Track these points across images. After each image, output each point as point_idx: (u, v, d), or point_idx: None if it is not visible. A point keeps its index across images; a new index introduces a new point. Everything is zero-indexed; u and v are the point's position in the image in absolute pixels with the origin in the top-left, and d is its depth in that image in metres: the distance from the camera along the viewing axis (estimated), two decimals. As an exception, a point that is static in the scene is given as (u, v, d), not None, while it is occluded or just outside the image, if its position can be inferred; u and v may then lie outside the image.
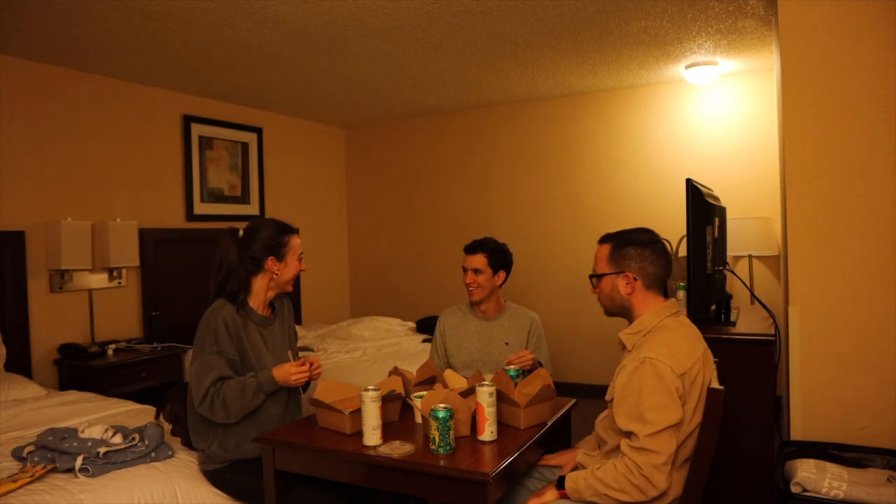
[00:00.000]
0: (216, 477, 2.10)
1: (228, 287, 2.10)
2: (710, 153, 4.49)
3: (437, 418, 1.70)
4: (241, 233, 2.16)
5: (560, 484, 1.71)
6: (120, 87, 4.07)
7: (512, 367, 2.24)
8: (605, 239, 1.88)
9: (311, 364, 2.08)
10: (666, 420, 1.57)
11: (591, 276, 1.89)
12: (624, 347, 1.81)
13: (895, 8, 2.13)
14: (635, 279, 1.78)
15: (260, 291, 2.15)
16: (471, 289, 2.61)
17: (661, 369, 1.60)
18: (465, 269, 2.63)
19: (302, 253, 2.20)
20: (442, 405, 1.73)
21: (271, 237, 2.13)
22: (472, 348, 2.61)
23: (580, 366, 4.89)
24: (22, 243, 3.51)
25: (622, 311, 1.84)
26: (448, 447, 1.71)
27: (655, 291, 1.80)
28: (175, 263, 4.28)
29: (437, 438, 1.70)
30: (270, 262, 2.12)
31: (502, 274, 2.65)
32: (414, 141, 5.74)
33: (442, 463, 1.66)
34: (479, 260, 2.60)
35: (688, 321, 1.80)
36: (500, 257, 2.63)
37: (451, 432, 1.72)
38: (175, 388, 2.38)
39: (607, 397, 1.76)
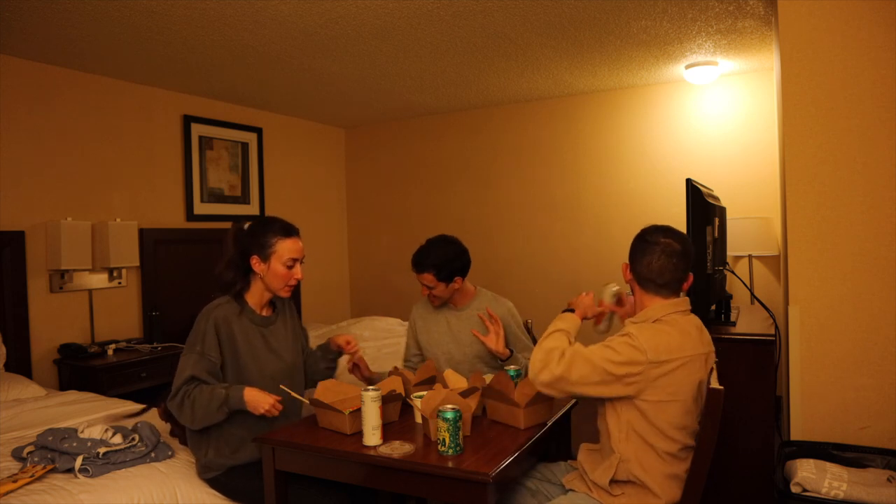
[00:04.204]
0: (216, 483, 2.08)
1: (224, 277, 2.09)
2: (710, 153, 4.49)
3: (446, 419, 1.68)
4: (245, 226, 2.15)
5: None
6: (120, 87, 4.07)
7: (512, 367, 2.24)
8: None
9: (349, 343, 2.17)
10: (600, 363, 1.66)
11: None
12: None
13: (895, 8, 2.13)
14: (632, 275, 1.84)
15: (258, 291, 2.12)
16: (430, 299, 2.57)
17: (634, 343, 1.65)
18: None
19: (297, 259, 2.08)
20: (450, 406, 1.72)
21: (257, 234, 2.08)
22: (443, 340, 2.58)
23: (580, 366, 4.88)
24: (22, 243, 3.51)
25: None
26: (458, 448, 1.70)
27: (654, 292, 1.80)
28: (175, 263, 4.28)
29: (447, 440, 1.69)
30: (255, 262, 2.07)
31: (458, 279, 2.51)
32: (414, 141, 5.74)
33: (450, 464, 1.65)
34: (427, 279, 2.47)
35: (697, 321, 1.80)
36: (448, 268, 2.46)
37: (461, 433, 1.72)
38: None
39: None
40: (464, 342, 2.54)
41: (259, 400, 1.93)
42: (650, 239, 1.79)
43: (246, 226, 2.14)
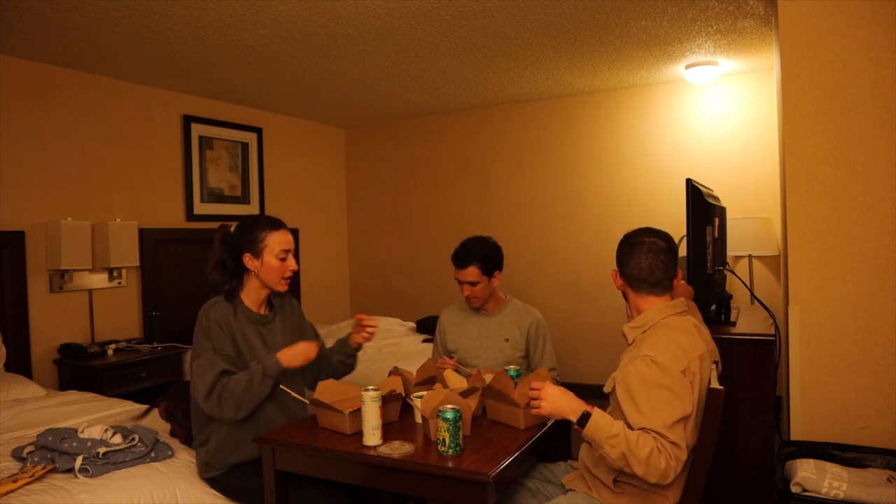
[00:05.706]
0: (216, 483, 2.09)
1: (212, 278, 2.10)
2: (710, 153, 4.49)
3: (446, 419, 1.68)
4: (231, 229, 2.15)
5: (583, 421, 1.58)
6: (120, 87, 4.07)
7: (512, 367, 2.24)
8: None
9: (361, 320, 2.18)
10: (674, 414, 1.57)
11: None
12: (626, 340, 1.83)
13: (895, 8, 2.13)
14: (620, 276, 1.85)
15: (253, 289, 2.12)
16: (471, 300, 2.59)
17: (661, 362, 1.61)
18: (459, 282, 2.55)
19: (288, 251, 2.10)
20: (450, 406, 1.72)
21: (246, 232, 2.09)
22: (471, 344, 2.61)
23: (580, 365, 4.88)
24: (22, 243, 3.51)
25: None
26: (458, 448, 1.70)
27: (647, 292, 1.80)
28: (175, 263, 4.29)
29: (447, 440, 1.69)
30: (247, 259, 2.07)
31: (497, 274, 2.59)
32: (414, 141, 5.74)
33: (450, 464, 1.65)
34: (472, 273, 2.51)
35: (693, 320, 1.80)
36: (491, 261, 2.54)
37: (461, 433, 1.72)
38: (173, 387, 2.38)
39: (606, 388, 1.76)
40: (493, 347, 2.58)
41: (296, 353, 2.00)
42: (635, 240, 1.82)
43: (232, 228, 2.14)
